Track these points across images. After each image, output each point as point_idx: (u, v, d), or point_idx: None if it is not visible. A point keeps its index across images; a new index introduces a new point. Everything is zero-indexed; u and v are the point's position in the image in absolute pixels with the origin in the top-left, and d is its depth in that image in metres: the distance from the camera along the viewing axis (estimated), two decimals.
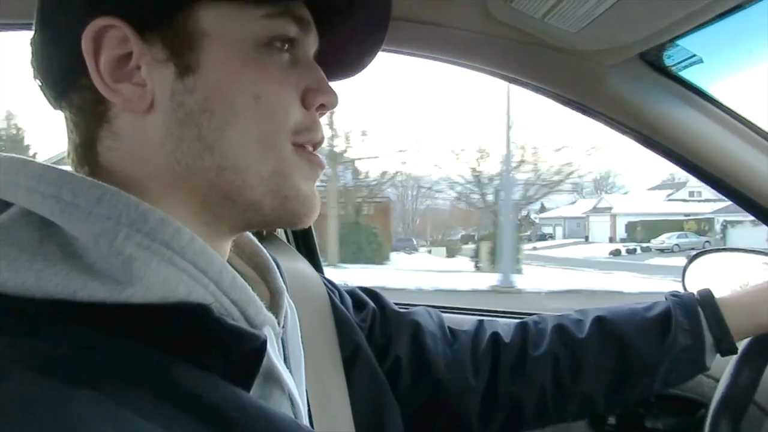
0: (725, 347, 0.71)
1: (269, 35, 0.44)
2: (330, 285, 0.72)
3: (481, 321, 0.78)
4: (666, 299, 0.76)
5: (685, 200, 35.59)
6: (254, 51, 0.44)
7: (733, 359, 0.80)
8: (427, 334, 0.71)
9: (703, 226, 29.16)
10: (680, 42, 0.75)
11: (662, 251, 26.19)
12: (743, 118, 0.83)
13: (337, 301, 0.68)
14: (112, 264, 0.36)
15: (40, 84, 0.46)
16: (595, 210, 38.04)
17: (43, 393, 0.31)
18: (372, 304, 0.73)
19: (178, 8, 0.42)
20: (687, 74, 0.82)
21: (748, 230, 22.68)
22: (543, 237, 40.88)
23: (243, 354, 0.40)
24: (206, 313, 0.39)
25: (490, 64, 0.86)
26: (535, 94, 0.87)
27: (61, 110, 0.46)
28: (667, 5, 0.65)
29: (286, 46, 0.46)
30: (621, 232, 33.18)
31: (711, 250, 1.02)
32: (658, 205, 35.45)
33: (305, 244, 1.18)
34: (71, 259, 0.36)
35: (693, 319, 0.71)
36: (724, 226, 27.24)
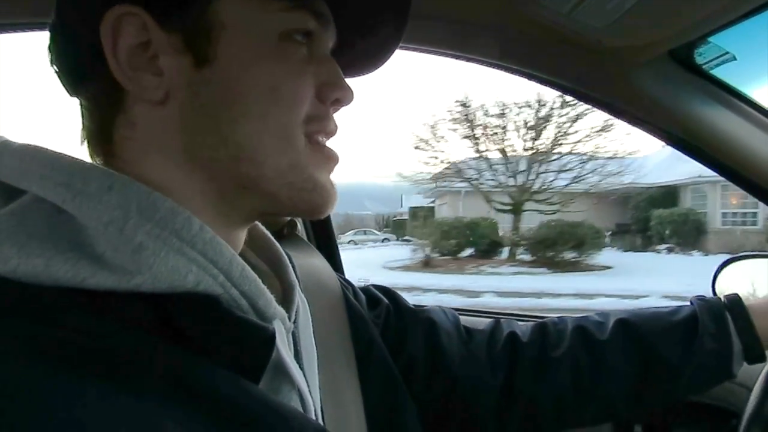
0: (754, 354, 0.68)
1: (288, 28, 0.44)
2: (344, 281, 0.71)
3: (497, 320, 0.76)
4: (692, 303, 0.73)
5: None
6: (272, 43, 0.44)
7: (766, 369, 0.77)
8: (441, 331, 0.70)
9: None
10: (712, 39, 0.73)
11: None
12: None
13: (351, 297, 0.67)
14: (121, 252, 0.36)
15: (57, 71, 0.46)
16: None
17: (50, 378, 0.31)
18: (386, 300, 0.72)
19: None
20: (719, 72, 0.79)
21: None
22: None
23: (252, 346, 0.40)
24: (214, 304, 0.39)
25: (515, 63, 0.85)
26: (560, 92, 0.86)
27: (77, 97, 0.46)
28: (697, 0, 0.63)
29: (304, 39, 0.46)
30: None
31: (742, 256, 0.98)
32: None
33: (325, 242, 1.18)
34: (81, 247, 0.36)
35: (720, 324, 0.68)
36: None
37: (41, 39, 0.48)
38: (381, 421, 0.59)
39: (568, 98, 11.81)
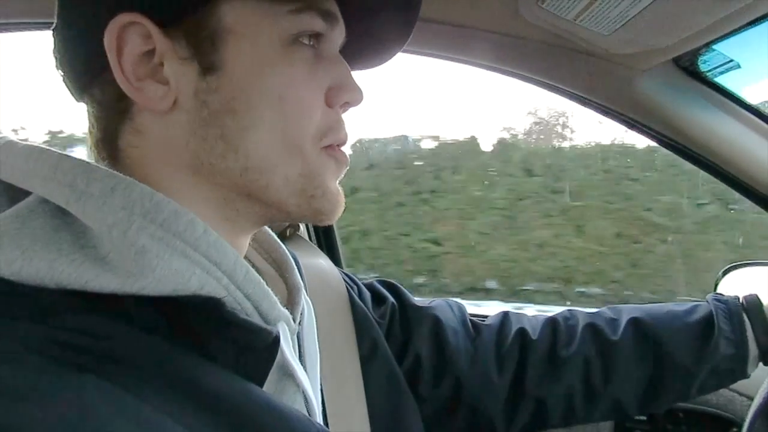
0: None
1: (295, 31, 0.43)
2: (349, 280, 0.70)
3: (506, 313, 0.75)
4: (708, 302, 0.71)
5: None
6: (280, 48, 0.42)
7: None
8: (447, 329, 0.69)
9: None
10: (716, 47, 0.73)
11: None
12: None
13: (356, 297, 0.67)
14: (124, 255, 0.36)
15: (62, 76, 0.46)
16: None
17: (53, 379, 0.31)
18: (391, 298, 0.71)
19: (201, 4, 0.41)
20: (723, 80, 0.79)
21: None
22: None
23: (255, 349, 0.39)
24: (218, 307, 0.38)
25: (518, 67, 0.84)
26: (564, 98, 0.86)
27: (84, 103, 0.46)
28: (702, 8, 0.63)
29: (312, 41, 0.45)
30: None
31: (744, 263, 0.98)
32: None
33: (326, 240, 1.18)
34: (84, 249, 0.36)
35: (737, 328, 0.67)
36: None
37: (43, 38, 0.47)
38: (384, 423, 0.59)
39: None
